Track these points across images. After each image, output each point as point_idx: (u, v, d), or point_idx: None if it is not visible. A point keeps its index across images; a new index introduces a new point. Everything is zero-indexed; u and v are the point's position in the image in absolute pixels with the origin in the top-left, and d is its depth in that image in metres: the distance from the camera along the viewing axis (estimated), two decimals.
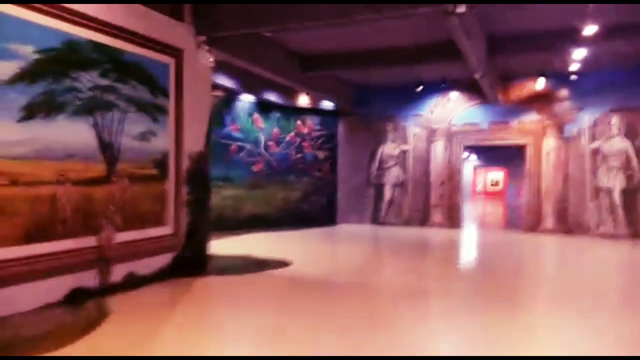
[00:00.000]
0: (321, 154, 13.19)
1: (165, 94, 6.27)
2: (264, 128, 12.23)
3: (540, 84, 11.68)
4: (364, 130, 13.31)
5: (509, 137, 12.32)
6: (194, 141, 6.77)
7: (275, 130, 12.44)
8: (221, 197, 11.56)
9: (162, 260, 6.22)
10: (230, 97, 11.61)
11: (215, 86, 10.89)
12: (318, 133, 13.14)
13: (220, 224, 11.33)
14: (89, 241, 5.23)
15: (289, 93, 12.22)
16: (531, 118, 12.06)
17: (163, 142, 6.24)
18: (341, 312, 4.88)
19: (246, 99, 11.85)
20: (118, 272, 5.59)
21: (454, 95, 12.54)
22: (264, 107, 12.16)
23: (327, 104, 12.98)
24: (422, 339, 4.12)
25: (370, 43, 9.31)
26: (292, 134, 12.74)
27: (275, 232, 11.46)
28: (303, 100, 12.65)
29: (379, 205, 13.17)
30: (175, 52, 6.40)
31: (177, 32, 6.44)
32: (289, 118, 12.69)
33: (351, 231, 12.28)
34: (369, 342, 3.96)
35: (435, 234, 11.71)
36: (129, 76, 5.68)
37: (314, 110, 13.00)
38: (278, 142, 12.48)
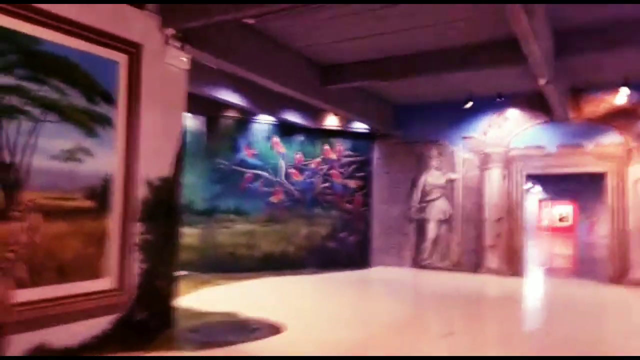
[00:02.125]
0: (352, 184, 11.32)
1: (110, 101, 4.71)
2: (284, 153, 10.58)
3: (623, 96, 9.34)
4: (404, 155, 11.36)
5: (583, 164, 9.95)
6: (157, 163, 5.16)
7: (298, 155, 10.75)
8: (232, 232, 9.94)
9: (96, 325, 4.54)
10: (244, 118, 10.10)
11: (226, 105, 9.46)
12: (349, 159, 11.32)
13: (230, 266, 9.70)
14: None
15: (315, 113, 10.56)
16: (612, 140, 9.67)
17: (104, 163, 4.65)
18: None
19: (264, 120, 10.30)
20: (20, 345, 3.96)
21: (513, 112, 10.41)
22: (285, 130, 10.54)
23: (360, 126, 11.20)
24: None
25: (405, 46, 7.50)
26: (318, 160, 10.99)
27: (295, 276, 9.63)
28: (331, 122, 10.94)
29: (421, 245, 11.04)
30: (130, 48, 4.88)
31: (133, 22, 4.93)
32: (315, 142, 10.98)
33: (386, 276, 10.22)
34: None
35: (491, 284, 9.42)
36: (48, 74, 4.17)
37: (344, 133, 11.24)
38: (301, 170, 10.76)
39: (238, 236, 9.99)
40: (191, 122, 9.92)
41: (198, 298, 7.14)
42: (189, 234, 9.70)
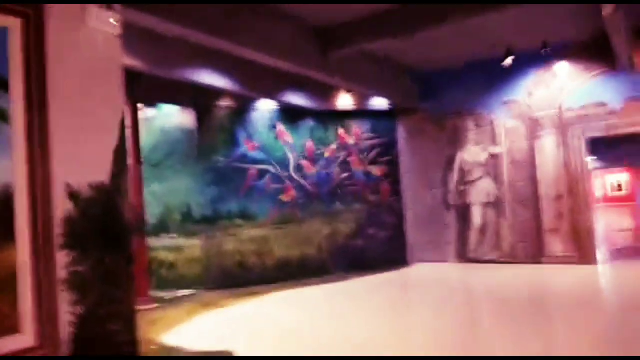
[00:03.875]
0: (377, 170, 9.72)
1: (1, 85, 3.30)
2: (292, 143, 9.07)
3: None
4: (434, 132, 9.66)
5: None
6: (83, 167, 3.71)
7: (309, 144, 9.22)
8: (239, 240, 8.52)
9: None
10: (242, 106, 8.65)
11: (219, 93, 8.05)
12: (370, 142, 9.71)
13: (241, 278, 8.31)
14: None
15: (324, 93, 9.00)
16: None
17: None
18: None
19: (265, 107, 8.82)
20: None
21: (563, 66, 8.55)
22: (291, 115, 9.03)
23: (380, 103, 9.57)
24: None
25: None
26: (333, 146, 9.44)
27: (318, 285, 8.14)
28: (345, 101, 9.35)
29: (465, 235, 9.33)
30: (23, 8, 3.44)
31: None
32: (327, 126, 9.42)
33: (427, 276, 8.60)
34: None
35: (560, 277, 7.66)
36: None
37: (362, 113, 9.62)
38: (314, 160, 9.24)
39: (246, 243, 8.55)
40: (179, 116, 8.55)
41: (191, 331, 5.73)
42: (189, 246, 8.39)
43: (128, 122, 7.88)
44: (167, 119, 8.65)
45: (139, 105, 8.86)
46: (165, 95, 7.92)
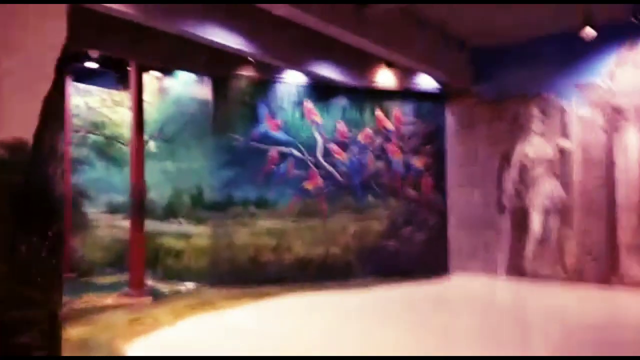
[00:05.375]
0: (418, 162, 8.36)
1: None
2: (321, 123, 7.88)
3: None
4: (490, 119, 8.19)
5: None
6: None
7: (341, 125, 7.99)
8: (254, 231, 7.45)
9: None
10: (265, 77, 7.54)
11: (239, 60, 6.98)
12: (412, 128, 8.37)
13: (252, 275, 7.29)
14: None
15: (361, 66, 7.76)
16: None
17: None
18: None
19: (292, 80, 7.68)
20: None
21: None
22: (320, 91, 7.85)
23: (426, 83, 8.23)
24: None
25: None
26: (369, 130, 8.16)
27: (340, 291, 6.95)
28: (385, 78, 8.06)
29: (520, 245, 7.84)
30: None
31: None
32: (363, 106, 8.15)
33: (472, 293, 7.22)
34: None
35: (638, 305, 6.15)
36: None
37: (404, 93, 8.30)
38: (346, 145, 8.01)
39: (261, 236, 7.46)
40: (195, 85, 7.57)
41: (166, 339, 4.70)
42: (197, 234, 7.45)
43: (131, 89, 6.97)
44: (183, 88, 7.73)
45: (155, 73, 7.99)
46: (175, 59, 6.90)
